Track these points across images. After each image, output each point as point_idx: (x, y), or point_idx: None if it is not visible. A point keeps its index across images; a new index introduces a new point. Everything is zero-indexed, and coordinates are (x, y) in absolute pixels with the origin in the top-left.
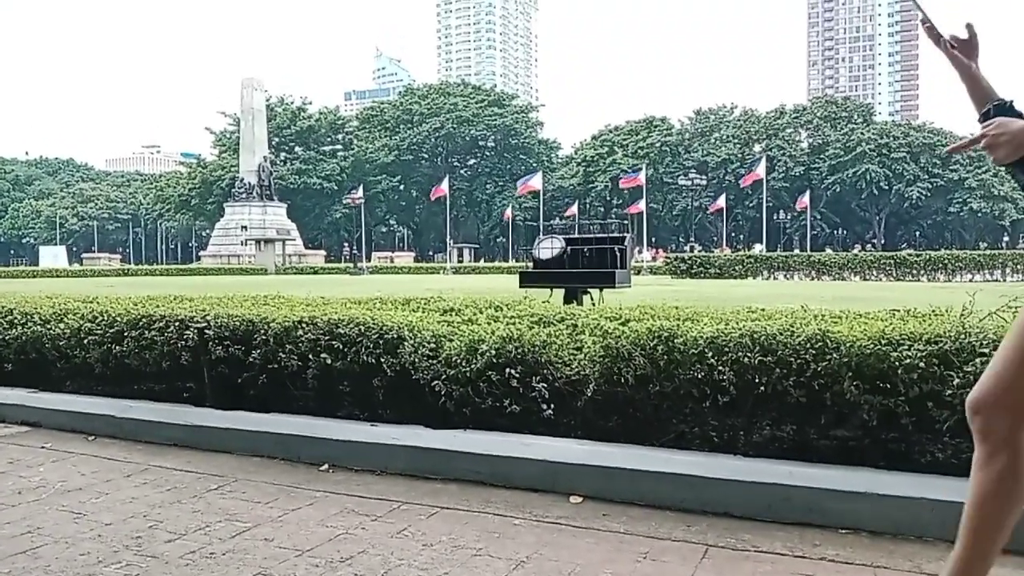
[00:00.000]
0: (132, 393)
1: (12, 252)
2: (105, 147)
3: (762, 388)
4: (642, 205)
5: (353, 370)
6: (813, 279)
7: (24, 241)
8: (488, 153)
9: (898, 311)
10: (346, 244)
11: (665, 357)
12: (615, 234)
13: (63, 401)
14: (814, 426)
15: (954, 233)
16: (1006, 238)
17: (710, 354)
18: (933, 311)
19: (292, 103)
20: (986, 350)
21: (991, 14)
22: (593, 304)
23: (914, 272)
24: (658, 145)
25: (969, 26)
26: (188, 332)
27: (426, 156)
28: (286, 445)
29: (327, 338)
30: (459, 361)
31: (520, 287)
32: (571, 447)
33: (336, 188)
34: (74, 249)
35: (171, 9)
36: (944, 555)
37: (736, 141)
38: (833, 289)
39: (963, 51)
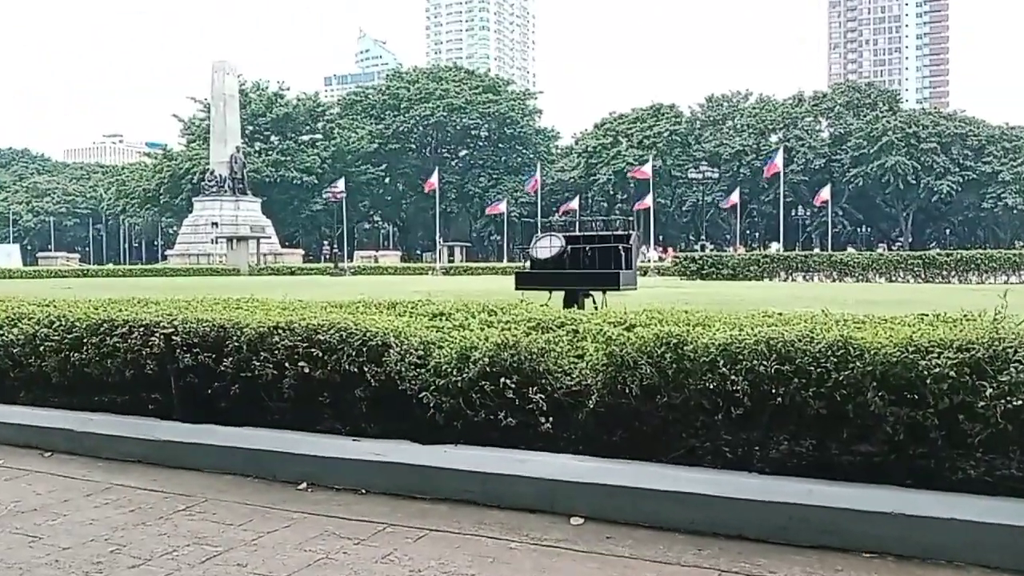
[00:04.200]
0: (92, 405)
1: None
2: (63, 136)
3: (779, 399)
4: (649, 200)
5: (334, 380)
6: (834, 280)
7: None
8: (481, 143)
9: (927, 315)
10: (326, 242)
11: (674, 366)
12: (619, 231)
13: (16, 414)
14: (835, 441)
15: (987, 231)
16: None
17: (722, 362)
18: (965, 316)
19: (267, 88)
20: (1022, 358)
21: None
22: (596, 308)
23: (944, 273)
24: (666, 135)
25: None
26: (153, 338)
27: (414, 146)
28: (260, 462)
29: (305, 345)
30: (449, 370)
31: (516, 289)
32: (571, 464)
33: (316, 181)
34: (29, 248)
35: None
36: None
37: (751, 131)
38: (856, 291)
39: None
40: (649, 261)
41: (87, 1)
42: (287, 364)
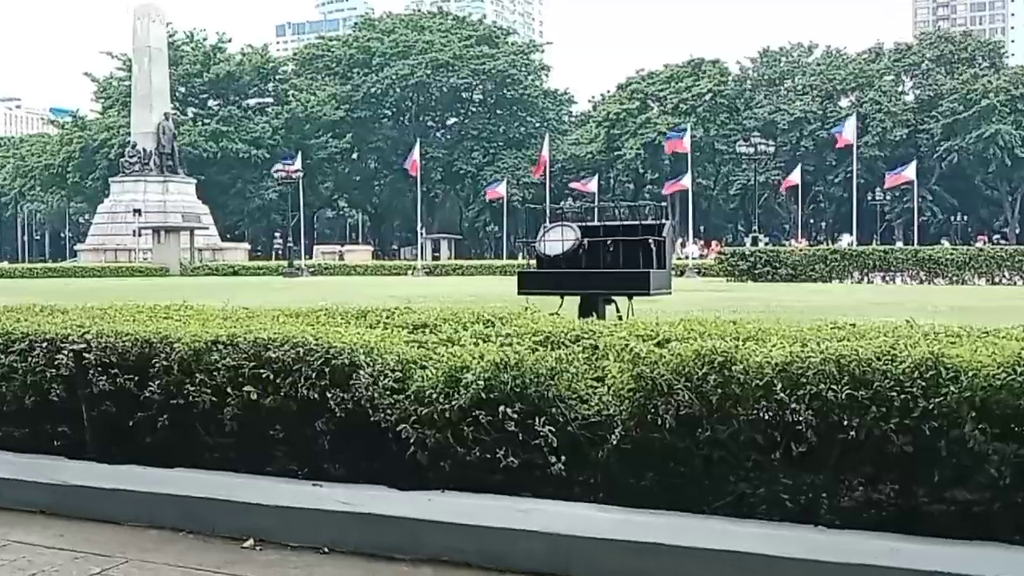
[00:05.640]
0: None
1: None
2: None
3: (852, 433)
4: (687, 180)
5: (288, 408)
6: (922, 282)
7: None
8: (474, 109)
9: None
10: (278, 234)
11: (719, 391)
12: (650, 220)
13: None
14: (924, 485)
15: None
16: None
17: (780, 387)
18: None
19: (204, 40)
20: None
21: None
22: (620, 317)
23: None
24: (708, 98)
25: None
26: (60, 356)
27: (389, 113)
28: (196, 512)
29: (252, 365)
30: (435, 396)
31: (519, 293)
32: (590, 515)
33: (266, 156)
34: None
35: None
36: None
37: (816, 93)
38: (949, 296)
39: None
40: (687, 258)
41: None
42: (229, 389)
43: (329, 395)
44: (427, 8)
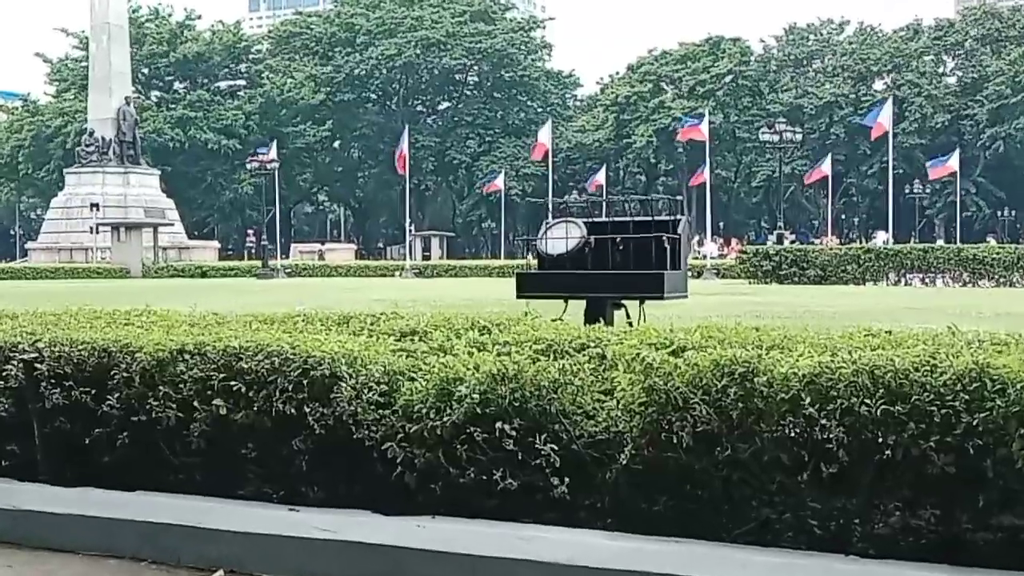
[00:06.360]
0: None
1: None
2: None
3: (888, 453)
4: (705, 172)
5: (262, 425)
6: (965, 284)
7: None
8: (469, 92)
9: None
10: (252, 231)
11: (740, 405)
12: (663, 216)
13: None
14: (967, 510)
15: None
16: None
17: (808, 400)
18: None
19: (170, 16)
20: None
21: None
22: (630, 324)
23: None
24: (728, 80)
25: None
26: (9, 367)
27: (374, 97)
28: (159, 540)
29: (222, 376)
30: (425, 411)
31: (518, 297)
32: (597, 543)
33: (238, 145)
34: None
35: None
36: None
37: (847, 75)
38: (996, 300)
39: None
40: (705, 257)
41: None
42: (197, 403)
43: (307, 410)
44: None
